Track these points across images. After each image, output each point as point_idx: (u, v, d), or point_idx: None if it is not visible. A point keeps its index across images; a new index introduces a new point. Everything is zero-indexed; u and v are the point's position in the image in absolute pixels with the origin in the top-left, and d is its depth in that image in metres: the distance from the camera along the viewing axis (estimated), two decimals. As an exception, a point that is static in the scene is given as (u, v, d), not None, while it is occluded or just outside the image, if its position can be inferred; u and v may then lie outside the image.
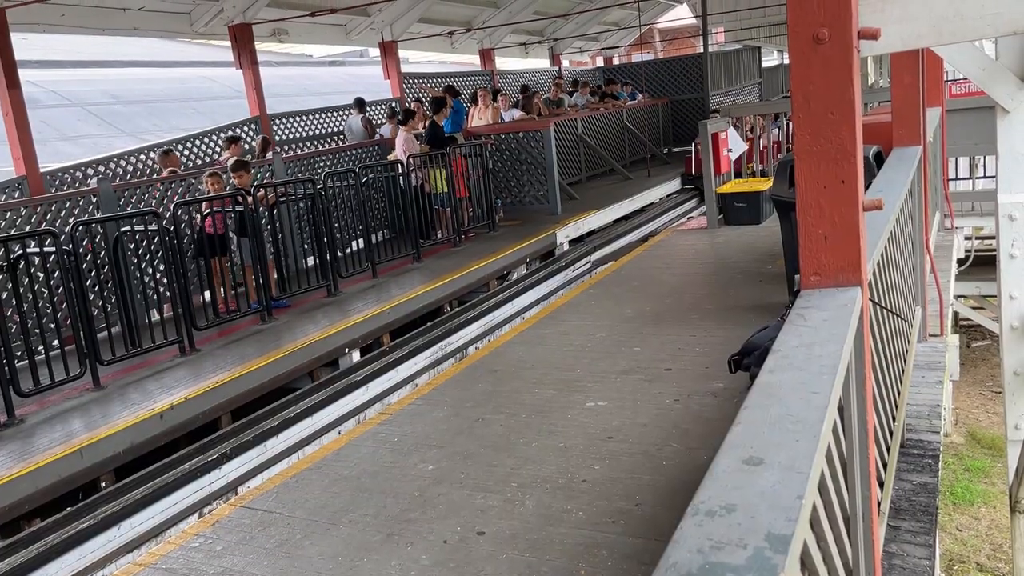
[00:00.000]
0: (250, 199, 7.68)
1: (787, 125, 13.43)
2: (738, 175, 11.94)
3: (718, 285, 7.63)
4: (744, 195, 10.13)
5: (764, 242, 8.88)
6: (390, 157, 10.83)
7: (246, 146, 11.41)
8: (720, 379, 5.00)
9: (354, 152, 11.77)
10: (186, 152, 10.96)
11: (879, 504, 2.77)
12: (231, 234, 7.92)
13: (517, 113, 14.46)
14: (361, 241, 9.40)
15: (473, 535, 3.51)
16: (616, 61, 25.00)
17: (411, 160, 10.02)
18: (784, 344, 1.88)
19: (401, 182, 9.99)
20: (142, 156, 10.34)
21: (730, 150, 10.53)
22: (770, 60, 27.25)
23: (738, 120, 11.62)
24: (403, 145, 10.43)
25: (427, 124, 11.35)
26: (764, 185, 10.08)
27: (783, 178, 6.09)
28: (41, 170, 8.57)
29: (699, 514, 1.19)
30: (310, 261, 8.93)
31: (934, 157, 6.75)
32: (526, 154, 12.15)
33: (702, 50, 18.01)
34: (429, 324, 8.34)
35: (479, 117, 13.75)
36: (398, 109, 13.29)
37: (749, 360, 4.48)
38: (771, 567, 1.05)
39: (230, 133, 11.31)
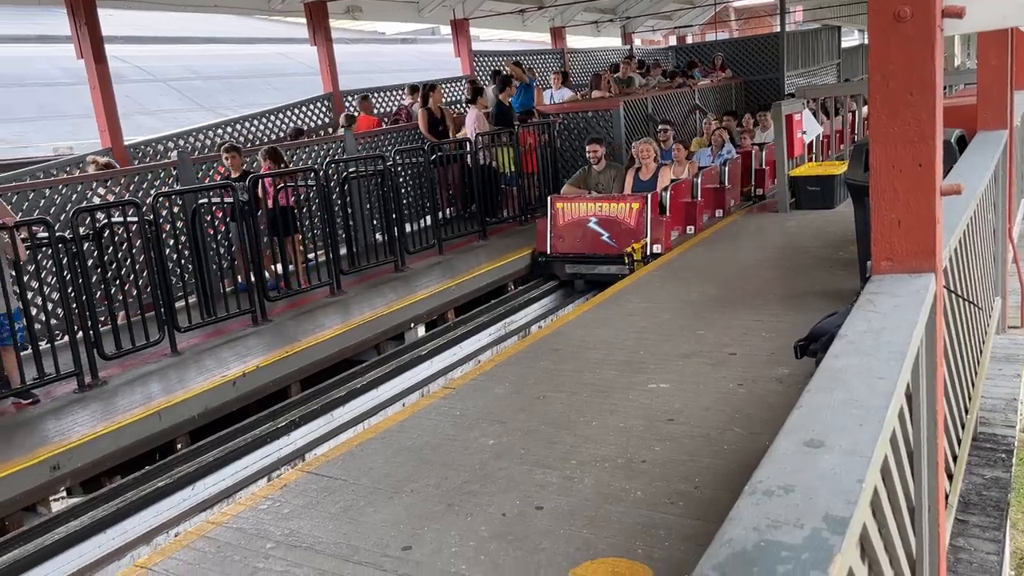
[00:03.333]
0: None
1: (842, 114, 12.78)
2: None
3: (787, 270, 7.49)
4: (817, 179, 9.88)
5: (836, 227, 8.66)
6: (459, 135, 10.89)
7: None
8: (785, 365, 4.92)
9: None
10: (261, 128, 11.22)
11: (947, 496, 2.71)
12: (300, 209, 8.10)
13: (567, 94, 14.31)
14: (428, 218, 9.51)
15: (532, 509, 3.55)
16: (689, 40, 24.54)
17: (479, 138, 10.07)
18: (851, 329, 1.85)
19: (469, 160, 10.06)
20: (219, 130, 10.63)
21: (804, 132, 10.28)
22: (850, 40, 26.37)
23: (816, 101, 11.33)
24: (473, 123, 10.47)
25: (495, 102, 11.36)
26: (839, 169, 9.82)
27: (858, 162, 5.92)
28: (125, 142, 8.89)
29: (756, 493, 1.19)
30: (379, 237, 9.08)
31: (1022, 142, 6.47)
32: (595, 133, 12.06)
33: (779, 29, 17.55)
34: (493, 302, 8.41)
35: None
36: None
37: (816, 346, 4.40)
38: (827, 547, 1.06)
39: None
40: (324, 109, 12.10)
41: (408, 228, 9.04)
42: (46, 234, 5.75)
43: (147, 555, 3.94)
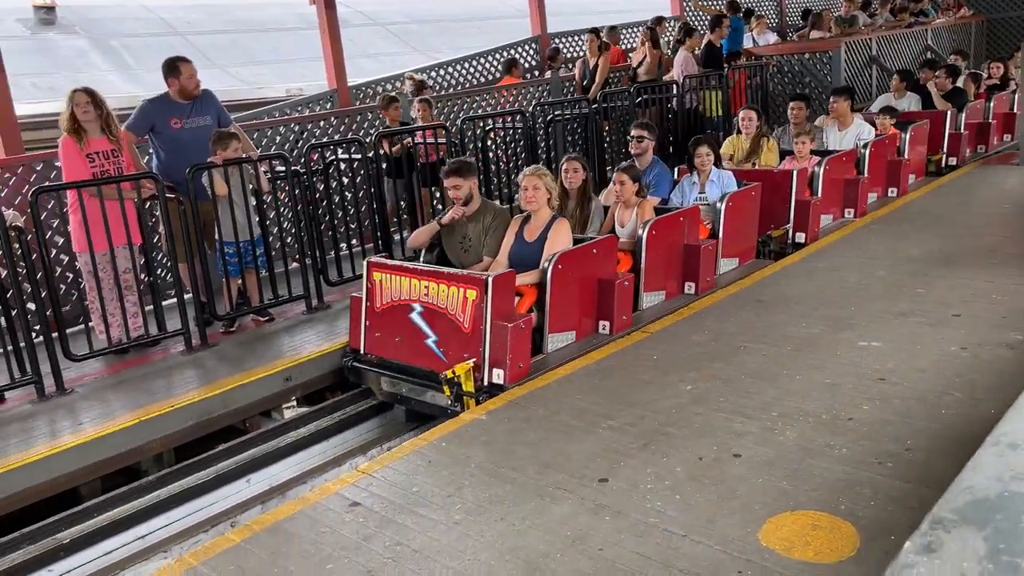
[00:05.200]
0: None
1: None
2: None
3: (1026, 228, 6.81)
4: (1071, 128, 8.81)
5: (1091, 183, 7.74)
6: (666, 77, 10.66)
7: (526, 65, 11.82)
8: (1019, 330, 4.54)
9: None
10: (466, 72, 11.54)
11: None
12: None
13: (772, 38, 13.49)
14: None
15: (728, 456, 3.55)
16: (924, -27, 22.28)
17: (686, 81, 9.81)
18: (1115, 288, 1.70)
19: (674, 104, 9.84)
20: (432, 72, 11.06)
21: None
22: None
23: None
24: (681, 65, 10.21)
25: (703, 43, 10.98)
26: (1099, 117, 8.69)
27: None
28: (348, 84, 9.47)
29: (1000, 444, 1.15)
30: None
31: None
32: (810, 76, 11.39)
33: (1036, -43, 15.55)
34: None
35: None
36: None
37: (1059, 312, 4.01)
38: (1082, 506, 1.01)
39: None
40: (532, 51, 12.24)
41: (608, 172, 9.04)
42: (283, 168, 6.29)
43: (365, 463, 4.33)
